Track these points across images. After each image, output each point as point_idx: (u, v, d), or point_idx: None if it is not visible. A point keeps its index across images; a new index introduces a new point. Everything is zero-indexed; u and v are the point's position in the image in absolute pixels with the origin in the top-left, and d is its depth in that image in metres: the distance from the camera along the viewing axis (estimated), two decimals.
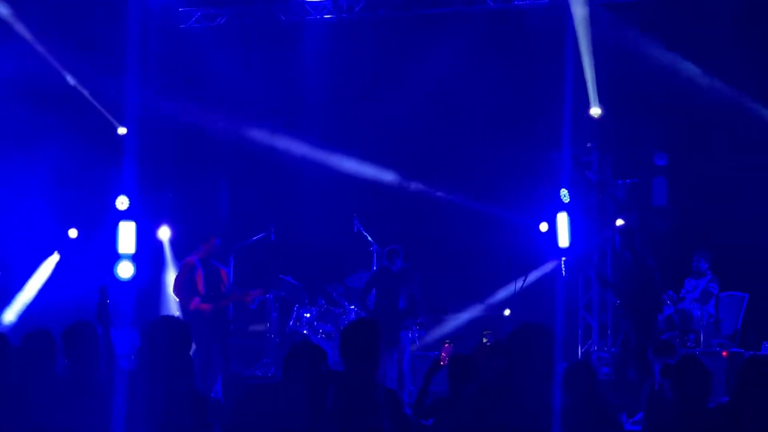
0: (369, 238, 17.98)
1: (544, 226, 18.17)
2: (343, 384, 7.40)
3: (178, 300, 15.90)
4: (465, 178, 19.43)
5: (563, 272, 17.05)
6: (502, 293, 18.43)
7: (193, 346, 13.21)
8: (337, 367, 8.40)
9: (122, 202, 17.91)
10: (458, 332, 17.77)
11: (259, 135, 20.08)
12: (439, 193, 19.67)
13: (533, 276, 18.10)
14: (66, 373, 7.97)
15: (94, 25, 18.21)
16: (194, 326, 10.87)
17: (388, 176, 19.82)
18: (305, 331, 17.59)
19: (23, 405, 7.70)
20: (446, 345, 9.84)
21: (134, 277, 16.83)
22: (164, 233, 18.97)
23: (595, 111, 18.09)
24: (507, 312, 17.81)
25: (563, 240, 17.46)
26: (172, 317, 7.84)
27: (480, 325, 17.21)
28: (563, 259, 17.19)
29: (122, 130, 19.22)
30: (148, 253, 18.05)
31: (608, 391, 14.06)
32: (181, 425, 7.05)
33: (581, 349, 18.37)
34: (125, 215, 17.81)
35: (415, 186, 19.87)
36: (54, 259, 19.02)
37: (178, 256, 18.60)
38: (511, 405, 6.81)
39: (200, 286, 15.56)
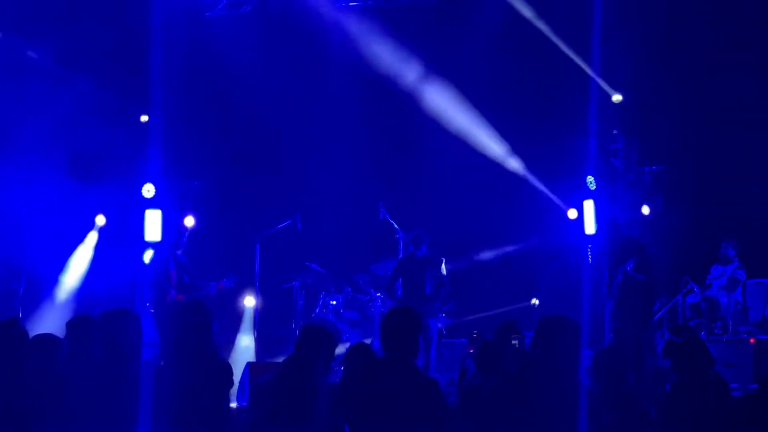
0: (395, 226, 17.95)
1: (572, 213, 18.15)
2: (383, 371, 7.44)
3: (152, 288, 15.98)
4: (492, 165, 19.40)
5: (590, 259, 17.02)
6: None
7: None
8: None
9: (148, 190, 17.95)
10: (486, 324, 17.76)
11: (285, 122, 20.08)
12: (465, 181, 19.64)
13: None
14: (103, 359, 7.67)
15: (119, 13, 18.24)
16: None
17: (413, 162, 19.82)
18: (331, 319, 17.62)
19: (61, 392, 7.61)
20: (474, 336, 9.87)
21: (156, 265, 16.87)
22: (189, 222, 18.98)
23: (617, 98, 18.09)
24: (535, 302, 17.81)
25: (590, 227, 17.42)
26: (197, 300, 7.83)
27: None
28: (590, 246, 17.16)
29: (144, 118, 19.25)
30: (173, 241, 18.07)
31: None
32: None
33: (608, 336, 18.30)
34: (151, 203, 17.87)
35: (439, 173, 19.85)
36: (93, 237, 19.06)
37: (200, 244, 18.70)
38: (538, 391, 6.81)
39: (173, 277, 15.73)
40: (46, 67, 18.85)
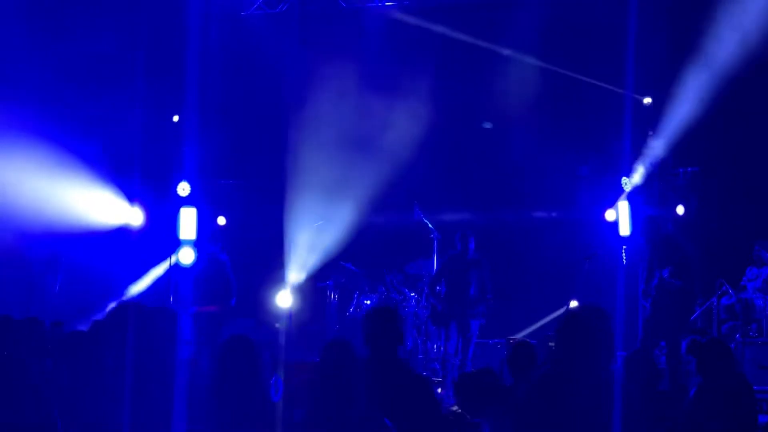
0: (430, 226, 17.96)
1: (611, 214, 18.08)
2: (366, 369, 7.47)
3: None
4: (527, 166, 19.37)
5: (624, 260, 16.98)
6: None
7: None
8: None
9: (183, 189, 18.02)
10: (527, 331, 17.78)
11: (318, 122, 20.10)
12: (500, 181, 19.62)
13: None
14: (137, 357, 7.53)
15: (154, 11, 18.32)
16: None
17: (449, 163, 19.82)
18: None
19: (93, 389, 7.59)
20: (510, 341, 9.90)
21: (195, 263, 16.94)
22: (223, 220, 19.05)
23: (647, 100, 18.13)
24: (574, 303, 17.78)
25: (624, 228, 17.38)
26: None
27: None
28: (624, 247, 17.11)
29: (175, 118, 19.32)
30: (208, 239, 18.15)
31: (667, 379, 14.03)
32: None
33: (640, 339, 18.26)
34: (186, 201, 17.93)
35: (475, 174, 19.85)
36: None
37: (235, 242, 18.74)
38: (572, 392, 6.80)
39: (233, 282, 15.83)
40: (81, 65, 18.93)
